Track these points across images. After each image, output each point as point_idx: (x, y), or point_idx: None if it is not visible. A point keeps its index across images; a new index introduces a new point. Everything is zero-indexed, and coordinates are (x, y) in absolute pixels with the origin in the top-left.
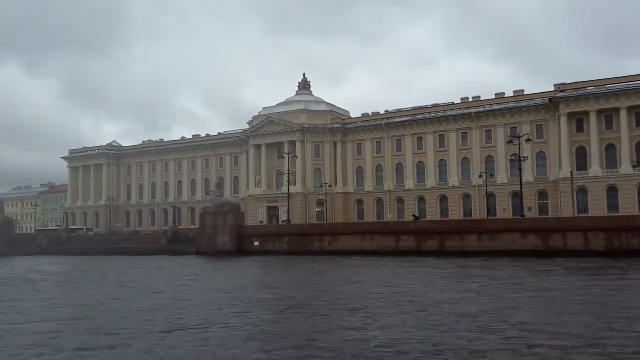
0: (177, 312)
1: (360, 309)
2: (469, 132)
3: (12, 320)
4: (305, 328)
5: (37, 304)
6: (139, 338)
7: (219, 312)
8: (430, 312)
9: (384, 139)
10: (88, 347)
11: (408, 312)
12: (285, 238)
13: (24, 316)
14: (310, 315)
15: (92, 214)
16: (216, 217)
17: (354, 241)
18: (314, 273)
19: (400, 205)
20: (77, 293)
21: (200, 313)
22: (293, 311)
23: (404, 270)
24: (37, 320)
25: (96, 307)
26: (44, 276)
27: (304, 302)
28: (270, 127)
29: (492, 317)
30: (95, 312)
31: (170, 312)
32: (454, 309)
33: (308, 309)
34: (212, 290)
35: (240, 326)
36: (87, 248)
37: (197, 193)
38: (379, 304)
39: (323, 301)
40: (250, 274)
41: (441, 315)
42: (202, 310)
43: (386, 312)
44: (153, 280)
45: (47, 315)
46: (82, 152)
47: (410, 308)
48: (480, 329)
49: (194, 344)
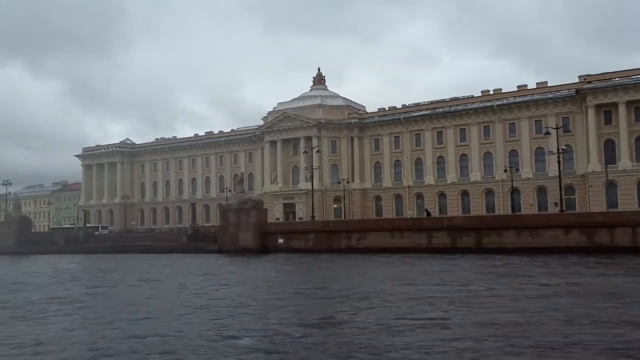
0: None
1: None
2: (491, 125)
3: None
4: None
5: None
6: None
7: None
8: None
9: (403, 134)
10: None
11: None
12: (310, 235)
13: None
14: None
15: (106, 212)
16: (238, 214)
17: (383, 238)
18: (358, 271)
19: (420, 201)
20: (152, 293)
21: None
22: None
23: (448, 268)
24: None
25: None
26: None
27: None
28: (285, 123)
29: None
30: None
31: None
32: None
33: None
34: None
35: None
36: (106, 246)
37: (212, 190)
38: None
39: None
40: (293, 275)
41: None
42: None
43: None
44: (206, 280)
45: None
46: (96, 150)
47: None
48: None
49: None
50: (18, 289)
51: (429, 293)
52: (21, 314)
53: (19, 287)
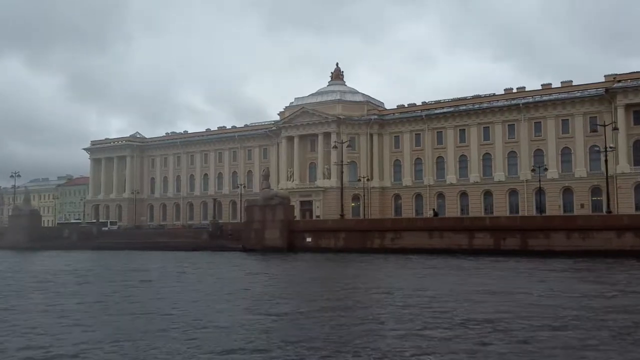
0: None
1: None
2: (516, 124)
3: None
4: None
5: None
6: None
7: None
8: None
9: (424, 131)
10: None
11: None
12: (341, 234)
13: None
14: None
15: (115, 207)
16: (264, 211)
17: (421, 238)
18: (418, 274)
19: (441, 200)
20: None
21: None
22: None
23: (513, 273)
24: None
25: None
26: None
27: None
28: (303, 118)
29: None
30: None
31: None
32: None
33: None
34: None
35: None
36: (121, 243)
37: (224, 186)
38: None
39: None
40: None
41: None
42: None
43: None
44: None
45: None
46: (105, 143)
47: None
48: None
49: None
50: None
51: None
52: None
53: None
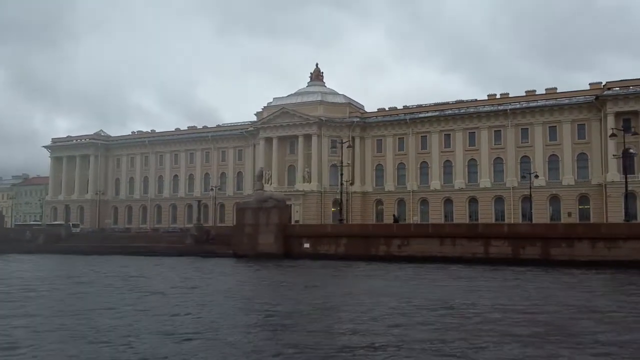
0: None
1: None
2: (503, 129)
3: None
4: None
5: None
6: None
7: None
8: None
9: (407, 135)
10: None
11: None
12: (342, 240)
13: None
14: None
15: (76, 209)
16: (257, 214)
17: (431, 245)
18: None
19: (424, 206)
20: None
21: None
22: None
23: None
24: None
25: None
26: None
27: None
28: (283, 119)
29: None
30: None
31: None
32: None
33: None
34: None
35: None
36: (94, 246)
37: (195, 188)
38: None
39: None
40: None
41: None
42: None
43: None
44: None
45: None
46: (67, 140)
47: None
48: None
49: None
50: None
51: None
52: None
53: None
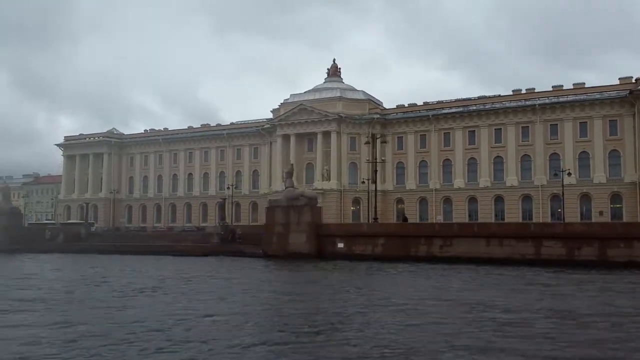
0: None
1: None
2: (531, 126)
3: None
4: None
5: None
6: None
7: None
8: None
9: (430, 132)
10: None
11: None
12: (379, 240)
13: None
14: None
15: (90, 208)
16: (288, 212)
17: (476, 246)
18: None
19: (448, 205)
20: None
21: None
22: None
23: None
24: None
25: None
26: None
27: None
28: (302, 116)
29: None
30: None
31: None
32: None
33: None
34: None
35: None
36: (116, 246)
37: (210, 187)
38: None
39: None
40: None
41: None
42: None
43: None
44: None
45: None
46: (79, 139)
47: None
48: None
49: None
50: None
51: None
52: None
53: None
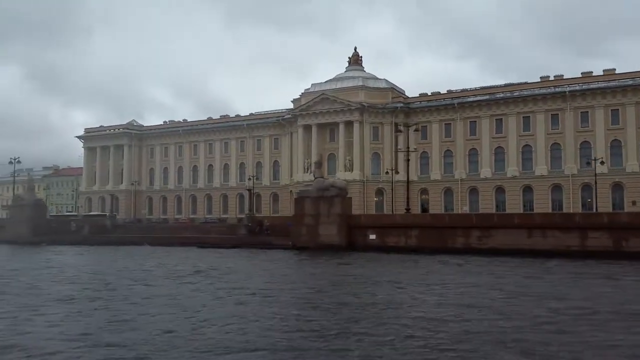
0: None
1: None
2: (561, 113)
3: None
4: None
5: None
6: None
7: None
8: None
9: (455, 121)
10: None
11: None
12: (413, 231)
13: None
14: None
15: (111, 200)
16: (317, 203)
17: (517, 237)
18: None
19: (474, 196)
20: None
21: None
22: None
23: None
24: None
25: None
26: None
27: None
28: (323, 105)
29: None
30: None
31: None
32: None
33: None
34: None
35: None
36: (142, 237)
37: (231, 178)
38: None
39: None
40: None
41: None
42: None
43: None
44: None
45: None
46: (100, 130)
47: None
48: None
49: None
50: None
51: None
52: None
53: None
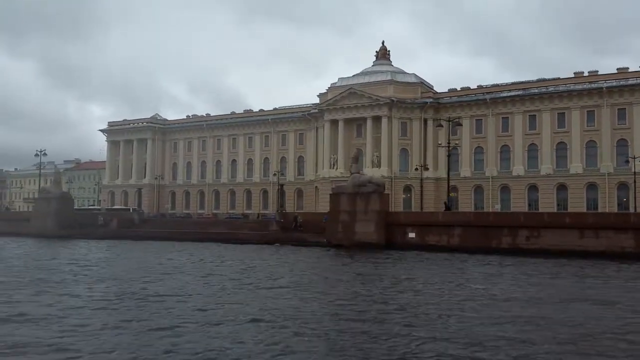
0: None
1: None
2: (597, 110)
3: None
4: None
5: None
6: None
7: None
8: None
9: (487, 117)
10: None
11: None
12: (455, 229)
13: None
14: None
15: (134, 194)
16: (354, 200)
17: (568, 237)
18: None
19: (505, 194)
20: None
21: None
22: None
23: None
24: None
25: None
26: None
27: None
28: (351, 100)
29: None
30: None
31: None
32: None
33: None
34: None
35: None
36: (171, 232)
37: (254, 173)
38: None
39: None
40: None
41: None
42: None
43: None
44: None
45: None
46: (123, 124)
47: None
48: None
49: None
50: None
51: None
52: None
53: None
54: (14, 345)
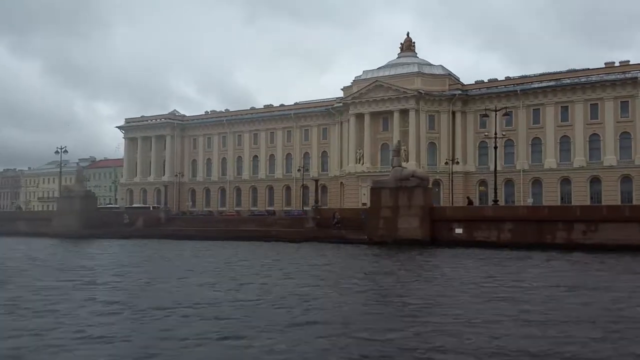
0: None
1: None
2: (631, 100)
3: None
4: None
5: None
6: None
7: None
8: None
9: (517, 108)
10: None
11: None
12: (506, 225)
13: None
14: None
15: (153, 191)
16: (396, 194)
17: (629, 232)
18: None
19: (537, 188)
20: None
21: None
22: None
23: None
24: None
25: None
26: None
27: None
28: (377, 93)
29: None
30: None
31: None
32: None
33: None
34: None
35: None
36: (200, 231)
37: (277, 170)
38: None
39: None
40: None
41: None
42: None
43: None
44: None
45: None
46: (141, 121)
47: None
48: None
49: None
50: None
51: None
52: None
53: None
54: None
